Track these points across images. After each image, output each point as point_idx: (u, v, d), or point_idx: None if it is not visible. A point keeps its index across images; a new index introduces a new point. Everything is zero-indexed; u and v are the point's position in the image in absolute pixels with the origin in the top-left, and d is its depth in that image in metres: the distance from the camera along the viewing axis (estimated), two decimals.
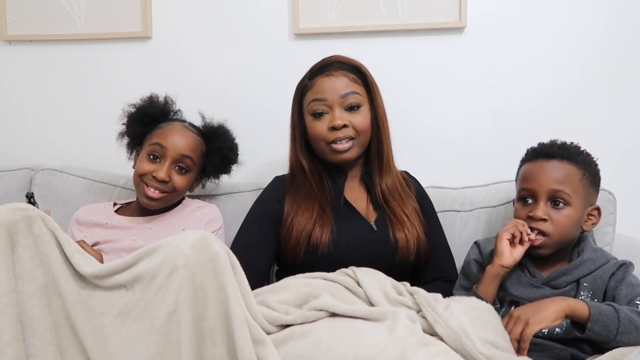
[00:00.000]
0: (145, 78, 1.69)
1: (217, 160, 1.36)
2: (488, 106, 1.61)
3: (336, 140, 1.17)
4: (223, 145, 1.36)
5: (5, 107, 1.77)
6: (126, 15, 1.67)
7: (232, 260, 0.92)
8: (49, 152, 1.75)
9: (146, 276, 0.90)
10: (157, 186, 1.27)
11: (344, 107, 1.19)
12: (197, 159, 1.32)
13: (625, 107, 1.57)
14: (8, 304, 0.89)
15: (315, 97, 1.19)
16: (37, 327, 0.90)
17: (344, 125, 1.17)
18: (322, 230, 1.16)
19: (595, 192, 1.17)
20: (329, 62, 1.21)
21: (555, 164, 1.15)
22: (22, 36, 1.71)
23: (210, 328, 0.86)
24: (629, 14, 1.54)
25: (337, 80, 1.19)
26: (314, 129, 1.20)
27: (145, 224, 1.31)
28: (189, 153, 1.29)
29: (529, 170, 1.19)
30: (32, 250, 0.93)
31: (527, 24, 1.57)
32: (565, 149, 1.17)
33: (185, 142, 1.29)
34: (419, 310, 1.00)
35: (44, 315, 0.91)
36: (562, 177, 1.13)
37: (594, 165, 1.17)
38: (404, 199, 1.25)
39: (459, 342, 0.90)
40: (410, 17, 1.59)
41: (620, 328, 0.94)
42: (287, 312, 0.95)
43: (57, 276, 0.94)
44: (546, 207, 1.12)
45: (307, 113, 1.22)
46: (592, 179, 1.15)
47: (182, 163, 1.28)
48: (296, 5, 1.60)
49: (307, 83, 1.22)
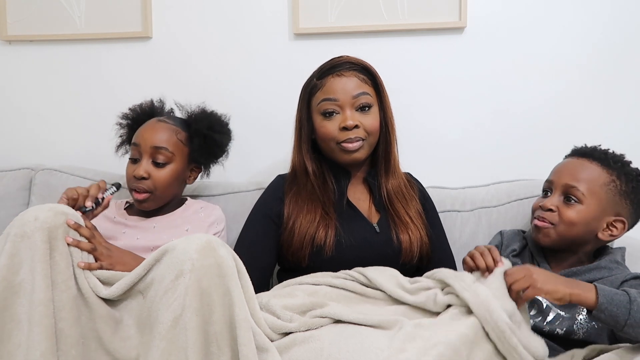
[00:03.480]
0: (145, 78, 1.69)
1: (198, 142, 1.32)
2: (488, 106, 1.61)
3: (347, 140, 1.17)
4: (200, 125, 1.33)
5: (5, 107, 1.76)
6: (126, 15, 1.67)
7: (238, 265, 0.92)
8: (49, 152, 1.75)
9: (154, 281, 0.90)
10: (139, 185, 1.26)
11: (354, 108, 1.18)
12: (174, 147, 1.29)
13: (625, 107, 1.57)
14: (45, 314, 0.86)
15: (326, 97, 1.19)
16: (64, 342, 0.87)
17: (356, 126, 1.17)
18: (326, 233, 1.15)
19: (625, 205, 1.14)
20: (340, 62, 1.21)
21: (583, 162, 1.16)
22: (22, 36, 1.71)
23: (216, 333, 0.85)
24: (629, 15, 1.55)
25: (349, 81, 1.19)
26: (324, 129, 1.19)
27: (149, 224, 1.31)
28: (161, 144, 1.27)
29: (558, 165, 1.20)
30: (68, 259, 0.91)
31: (527, 24, 1.58)
32: (603, 153, 1.17)
33: (156, 134, 1.27)
34: (443, 287, 0.99)
35: (73, 330, 0.88)
36: (582, 174, 1.13)
37: (632, 179, 1.14)
38: (408, 201, 1.25)
39: (485, 310, 0.89)
40: (410, 17, 1.59)
41: (629, 320, 0.91)
42: (291, 319, 0.95)
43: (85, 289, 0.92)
44: (558, 200, 1.14)
45: (316, 113, 1.21)
46: (625, 190, 1.13)
47: (157, 155, 1.27)
48: (296, 5, 1.60)
49: (317, 83, 1.21)
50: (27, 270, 0.88)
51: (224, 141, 1.38)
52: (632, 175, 1.14)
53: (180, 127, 1.33)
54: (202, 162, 1.38)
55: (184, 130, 1.33)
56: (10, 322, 0.86)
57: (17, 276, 0.88)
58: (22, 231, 0.90)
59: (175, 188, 1.33)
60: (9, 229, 0.92)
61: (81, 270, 0.93)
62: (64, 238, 0.92)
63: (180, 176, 1.33)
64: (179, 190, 1.36)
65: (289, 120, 1.29)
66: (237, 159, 1.67)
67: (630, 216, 1.15)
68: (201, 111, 1.37)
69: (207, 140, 1.34)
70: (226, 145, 1.39)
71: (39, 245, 0.89)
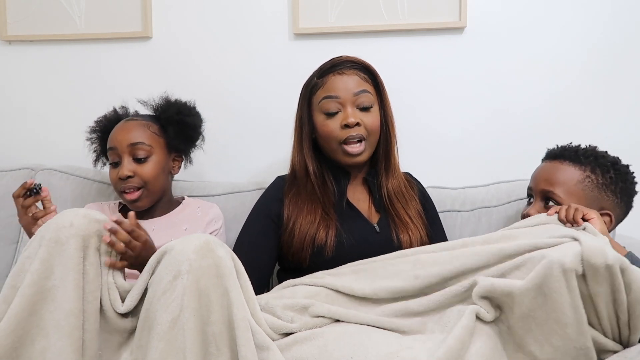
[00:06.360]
0: (145, 78, 1.69)
1: (172, 129, 1.32)
2: (488, 106, 1.61)
3: (348, 139, 1.17)
4: (169, 113, 1.33)
5: (5, 107, 1.76)
6: (126, 15, 1.67)
7: (237, 265, 0.92)
8: (49, 152, 1.75)
9: (153, 282, 0.89)
10: (128, 185, 1.26)
11: (355, 106, 1.18)
12: (150, 140, 1.29)
13: (625, 107, 1.57)
14: (76, 326, 0.84)
15: (327, 95, 1.19)
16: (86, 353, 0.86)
17: (357, 124, 1.17)
18: (327, 233, 1.15)
19: (607, 197, 1.13)
20: (340, 61, 1.21)
21: (556, 164, 1.16)
22: (22, 36, 1.71)
23: (215, 334, 0.85)
24: (629, 15, 1.55)
25: (350, 79, 1.19)
26: (325, 128, 1.19)
27: (147, 225, 1.30)
28: (136, 140, 1.27)
29: (534, 171, 1.21)
30: (97, 270, 0.90)
31: (527, 24, 1.58)
32: (574, 151, 1.16)
33: (129, 132, 1.28)
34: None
35: (93, 343, 0.87)
36: (556, 177, 1.14)
37: (608, 169, 1.13)
38: (408, 201, 1.25)
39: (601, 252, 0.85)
40: (410, 17, 1.59)
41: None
42: (292, 319, 0.95)
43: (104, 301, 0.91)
44: (540, 206, 1.15)
45: (317, 111, 1.21)
46: (602, 182, 1.13)
47: (137, 152, 1.27)
48: (296, 5, 1.60)
49: (317, 81, 1.21)
50: (58, 277, 0.86)
51: (196, 123, 1.38)
52: (606, 166, 1.14)
53: (151, 120, 1.33)
54: (182, 149, 1.37)
55: (154, 122, 1.33)
56: (35, 328, 0.85)
57: (49, 282, 0.86)
58: (57, 236, 0.88)
59: (162, 180, 1.32)
60: (44, 232, 0.89)
61: (105, 282, 0.91)
62: (95, 247, 0.90)
63: (165, 167, 1.32)
64: (167, 183, 1.36)
65: (288, 120, 1.29)
66: (237, 159, 1.68)
67: (616, 207, 1.14)
68: (165, 101, 1.37)
69: (180, 125, 1.34)
70: (199, 126, 1.39)
71: (73, 253, 0.87)
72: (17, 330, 0.83)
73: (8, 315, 0.83)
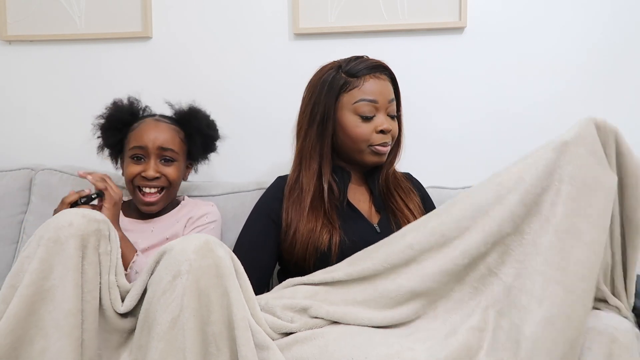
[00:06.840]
0: (145, 78, 1.69)
1: (199, 140, 1.34)
2: (488, 106, 1.61)
3: (382, 144, 1.19)
4: (199, 124, 1.34)
5: (5, 107, 1.76)
6: (126, 15, 1.67)
7: (236, 265, 0.92)
8: (49, 152, 1.75)
9: (152, 282, 0.89)
10: (151, 184, 1.26)
11: (387, 112, 1.20)
12: (178, 146, 1.30)
13: (625, 107, 1.57)
14: (75, 325, 0.84)
15: (366, 97, 1.17)
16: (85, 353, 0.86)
17: (390, 130, 1.19)
18: (330, 238, 1.14)
19: None
20: (376, 64, 1.20)
21: None
22: (22, 36, 1.71)
23: (214, 334, 0.85)
24: (629, 15, 1.55)
25: (385, 85, 1.20)
26: (358, 130, 1.17)
27: (146, 226, 1.31)
28: (168, 145, 1.28)
29: None
30: (96, 269, 0.89)
31: (527, 24, 1.58)
32: None
33: (161, 135, 1.27)
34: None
35: (93, 342, 0.87)
36: None
37: None
38: (407, 194, 1.26)
39: None
40: (410, 17, 1.59)
41: None
42: (292, 319, 0.94)
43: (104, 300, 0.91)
44: None
45: (348, 111, 1.18)
46: None
47: (165, 155, 1.28)
48: (296, 5, 1.60)
49: (350, 80, 1.18)
50: (57, 277, 0.86)
51: (217, 137, 1.41)
52: None
53: (179, 126, 1.34)
54: (200, 160, 1.39)
55: (181, 129, 1.34)
56: (34, 328, 0.84)
57: (47, 282, 0.86)
58: (56, 236, 0.87)
59: (179, 185, 1.35)
60: (42, 232, 0.89)
61: (105, 281, 0.91)
62: (94, 247, 0.90)
63: (183, 173, 1.35)
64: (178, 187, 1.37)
65: (289, 120, 1.29)
66: (237, 159, 1.68)
67: None
68: (191, 109, 1.37)
69: (207, 139, 1.36)
70: (217, 140, 1.41)
71: (72, 252, 0.87)
72: (16, 330, 0.83)
73: (7, 315, 0.83)
